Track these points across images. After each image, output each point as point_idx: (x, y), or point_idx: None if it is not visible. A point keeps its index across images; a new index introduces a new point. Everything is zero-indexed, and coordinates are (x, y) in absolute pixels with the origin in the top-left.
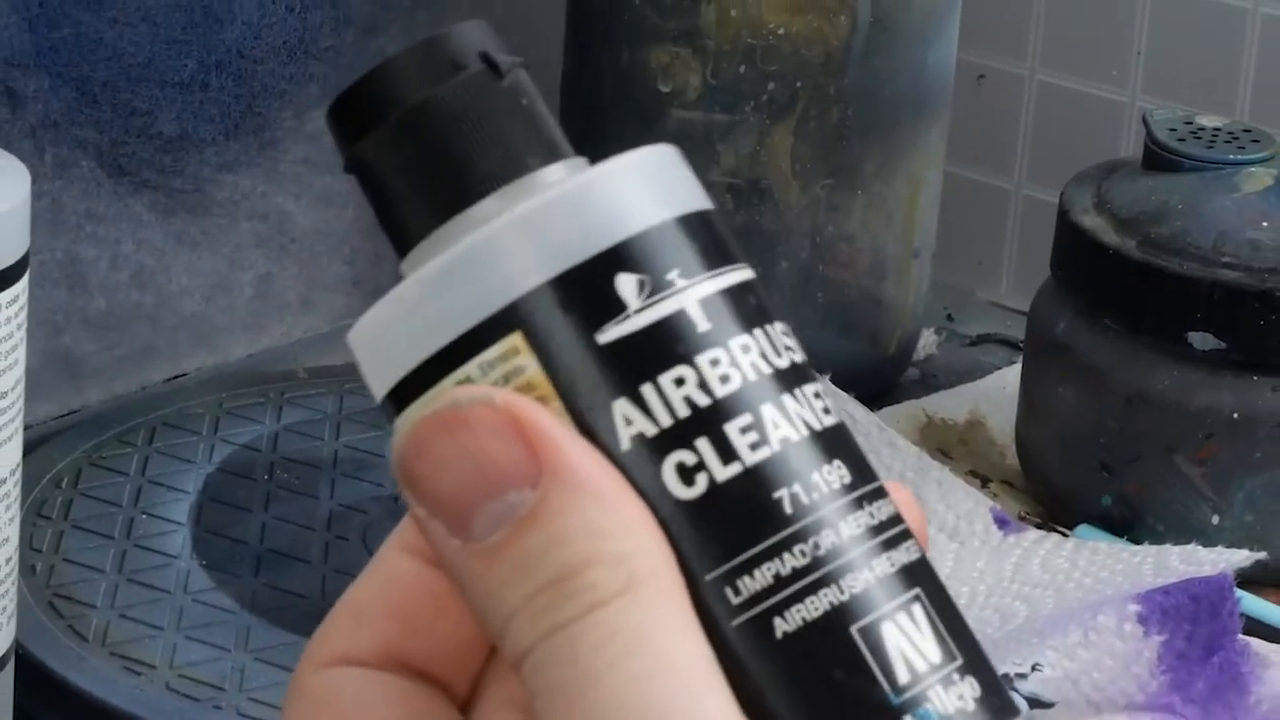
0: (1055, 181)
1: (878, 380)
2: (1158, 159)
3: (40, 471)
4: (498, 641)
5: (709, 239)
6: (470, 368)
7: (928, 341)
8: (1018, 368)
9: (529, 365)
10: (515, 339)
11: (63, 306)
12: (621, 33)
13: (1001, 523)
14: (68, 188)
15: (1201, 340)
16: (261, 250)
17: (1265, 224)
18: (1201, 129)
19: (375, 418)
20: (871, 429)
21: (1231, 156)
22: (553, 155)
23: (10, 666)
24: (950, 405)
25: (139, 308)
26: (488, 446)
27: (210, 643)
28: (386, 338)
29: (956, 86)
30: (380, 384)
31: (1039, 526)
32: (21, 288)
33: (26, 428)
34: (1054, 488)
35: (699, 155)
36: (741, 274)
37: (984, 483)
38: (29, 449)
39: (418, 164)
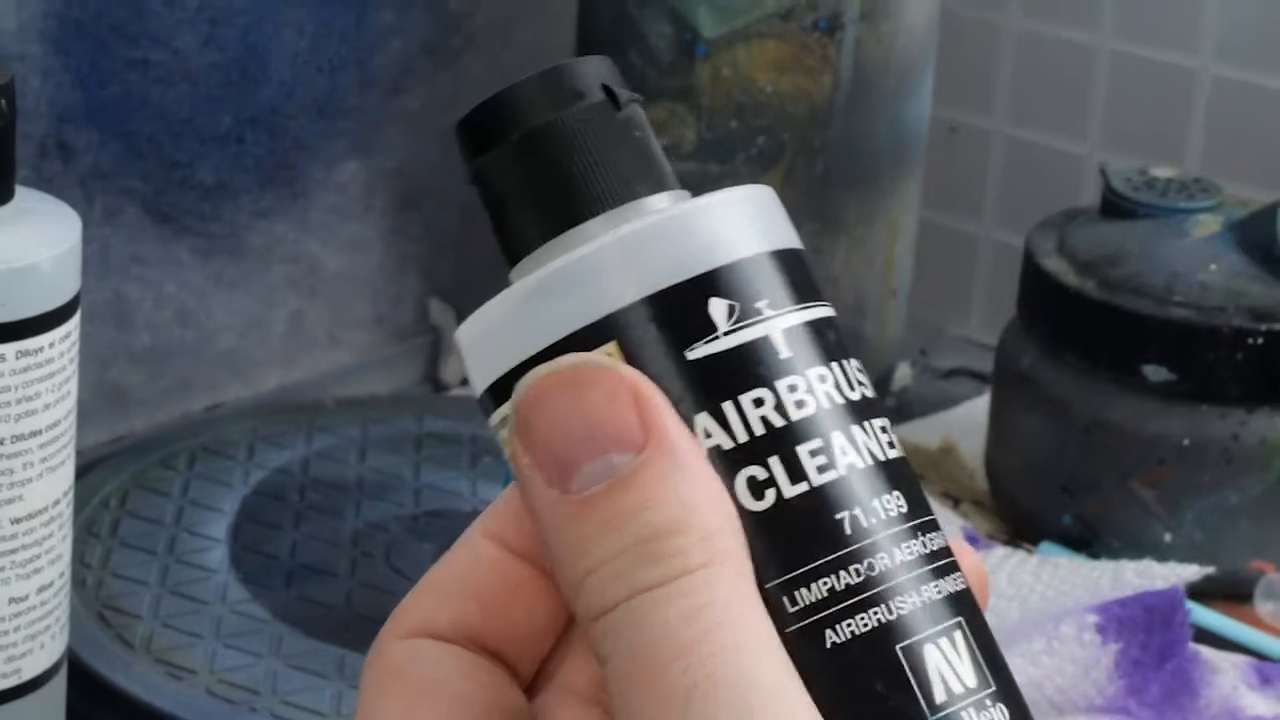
0: (1021, 227)
1: None
2: (1115, 207)
3: (90, 493)
4: (573, 596)
5: (796, 275)
6: None
7: (904, 374)
8: (986, 398)
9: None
10: (611, 347)
11: (111, 342)
12: None
13: (972, 540)
14: (115, 233)
15: (1155, 373)
16: (293, 290)
17: (1213, 266)
18: (1155, 179)
19: (397, 444)
20: None
21: (1182, 205)
22: (660, 185)
23: (63, 672)
24: (924, 432)
25: (181, 343)
26: (603, 408)
27: (246, 650)
28: (492, 336)
29: (930, 139)
30: (482, 378)
31: (1006, 544)
32: (73, 325)
33: (78, 453)
34: (1020, 508)
35: None
36: (823, 310)
37: (955, 503)
38: (80, 473)
39: (535, 181)
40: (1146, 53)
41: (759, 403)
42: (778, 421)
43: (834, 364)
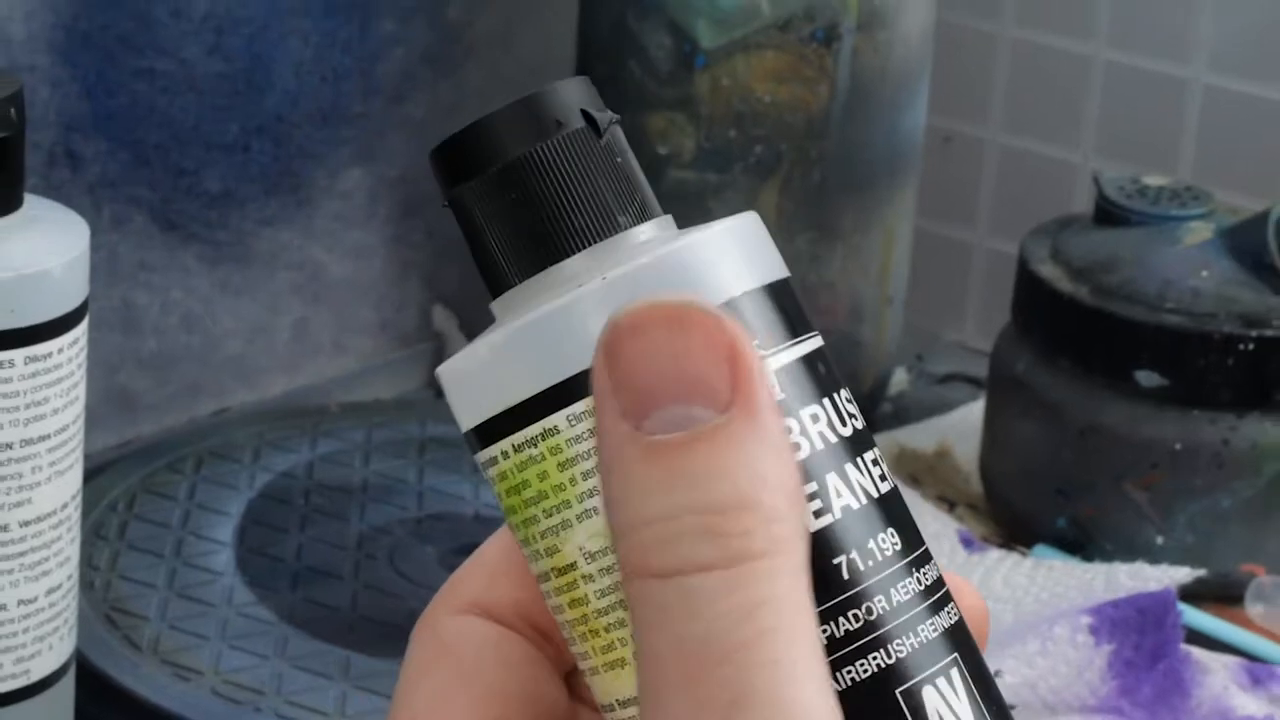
0: (1015, 234)
1: None
2: (1108, 214)
3: (98, 496)
4: (620, 540)
5: (786, 308)
6: (559, 418)
7: (900, 379)
8: (981, 403)
9: None
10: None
11: (119, 348)
12: (622, 100)
13: (967, 543)
14: (123, 240)
15: (1147, 378)
16: (298, 297)
17: (1205, 273)
18: (1147, 187)
19: (401, 448)
20: None
21: (1174, 212)
22: (643, 215)
23: (72, 673)
24: (920, 437)
25: (187, 349)
26: (700, 355)
27: (252, 651)
28: (477, 378)
29: (926, 148)
30: (467, 418)
31: (1001, 546)
32: (82, 331)
33: (86, 457)
34: (1014, 511)
35: (693, 212)
36: (813, 342)
37: (951, 507)
38: (88, 476)
39: (515, 214)
40: (1139, 63)
41: None
42: None
43: (826, 400)
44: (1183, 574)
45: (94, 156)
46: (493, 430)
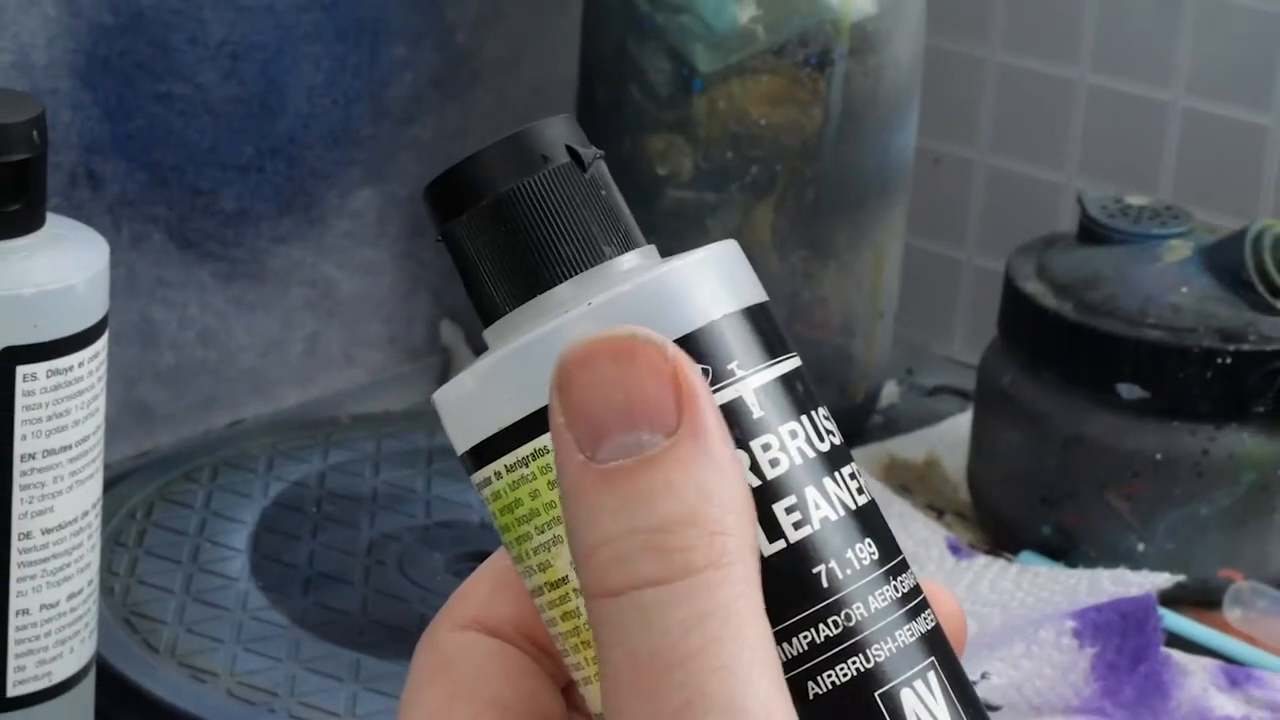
0: (1002, 252)
1: (846, 426)
2: (1091, 233)
3: (117, 505)
4: (580, 565)
5: (764, 330)
6: (548, 439)
7: (890, 392)
8: (969, 415)
9: None
10: None
11: (137, 361)
12: (623, 123)
13: (955, 550)
14: (141, 258)
15: (1129, 391)
16: (310, 312)
17: (1185, 289)
18: (1129, 207)
19: (410, 458)
20: None
21: (1155, 231)
22: (626, 244)
23: (92, 675)
24: (910, 447)
25: (203, 363)
26: (644, 384)
27: (265, 654)
28: (469, 403)
29: (915, 169)
30: (462, 441)
31: (987, 553)
32: (102, 345)
33: (106, 467)
34: (1001, 519)
35: (691, 230)
36: (791, 363)
37: (939, 514)
38: (108, 486)
39: (504, 246)
40: (1122, 86)
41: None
42: (753, 481)
43: (804, 417)
44: (1163, 579)
45: (113, 177)
46: (485, 452)
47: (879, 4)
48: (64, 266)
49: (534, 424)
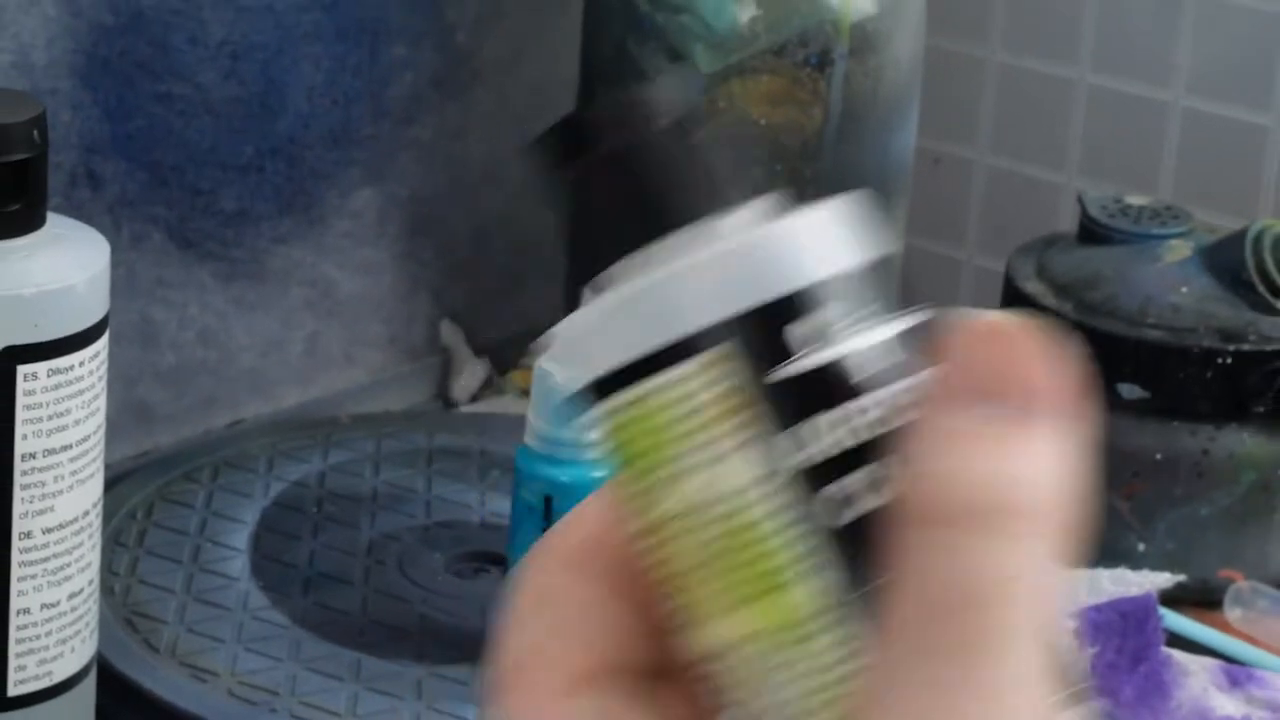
0: (1002, 252)
1: None
2: (1091, 233)
3: (118, 505)
4: (913, 493)
5: (879, 287)
6: (674, 373)
7: None
8: None
9: (728, 379)
10: (699, 360)
11: (137, 361)
12: None
13: None
14: (141, 258)
15: (1129, 391)
16: (310, 312)
17: (1184, 289)
18: (1129, 207)
19: (409, 458)
20: None
21: (1155, 231)
22: (753, 194)
23: (93, 675)
24: None
25: (203, 363)
26: (1017, 363)
27: (266, 654)
28: (594, 335)
29: (915, 169)
30: (584, 373)
31: None
32: (102, 345)
33: (106, 467)
34: None
35: None
36: (909, 319)
37: None
38: (108, 485)
39: (628, 193)
40: (1122, 87)
41: (840, 421)
42: (858, 439)
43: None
44: (1163, 579)
45: (113, 177)
46: (608, 385)
47: (879, 4)
48: (64, 266)
49: (659, 360)
